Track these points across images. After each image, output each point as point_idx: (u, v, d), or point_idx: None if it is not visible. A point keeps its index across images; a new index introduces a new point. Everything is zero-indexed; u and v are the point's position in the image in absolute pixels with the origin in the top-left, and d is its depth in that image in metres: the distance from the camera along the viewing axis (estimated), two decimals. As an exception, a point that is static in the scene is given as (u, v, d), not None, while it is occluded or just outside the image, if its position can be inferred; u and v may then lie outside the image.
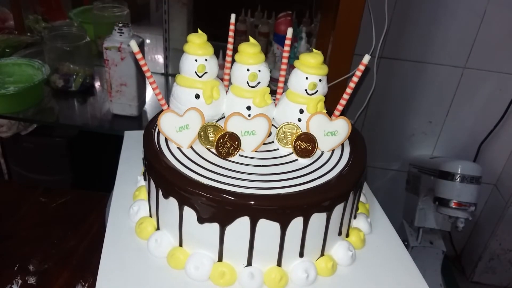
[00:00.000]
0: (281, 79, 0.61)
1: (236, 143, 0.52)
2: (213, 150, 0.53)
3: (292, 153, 0.54)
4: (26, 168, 1.27)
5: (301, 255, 0.50)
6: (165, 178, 0.49)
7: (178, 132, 0.53)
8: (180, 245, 0.51)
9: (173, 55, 1.22)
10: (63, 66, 1.10)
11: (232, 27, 0.58)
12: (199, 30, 0.55)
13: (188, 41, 0.54)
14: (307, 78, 0.53)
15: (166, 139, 0.54)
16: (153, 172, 0.51)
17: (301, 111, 0.55)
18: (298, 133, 0.54)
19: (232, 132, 0.52)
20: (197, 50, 0.53)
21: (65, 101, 1.10)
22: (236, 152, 0.53)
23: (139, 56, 0.52)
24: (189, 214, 0.48)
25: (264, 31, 1.21)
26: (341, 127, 0.55)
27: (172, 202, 0.49)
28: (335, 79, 0.94)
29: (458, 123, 1.37)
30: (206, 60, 0.54)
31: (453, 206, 1.13)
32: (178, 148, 0.54)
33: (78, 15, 1.32)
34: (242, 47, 0.54)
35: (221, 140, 0.52)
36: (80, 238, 0.76)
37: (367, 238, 0.57)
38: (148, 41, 1.32)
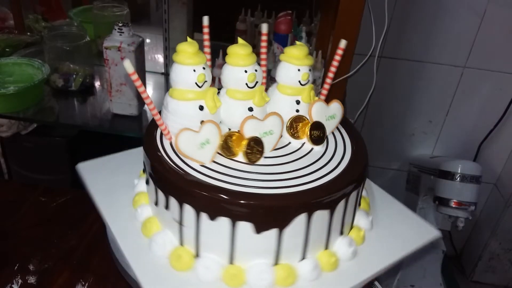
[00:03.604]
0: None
1: (260, 146, 0.52)
2: (237, 159, 0.52)
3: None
4: (26, 167, 1.27)
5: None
6: (210, 199, 0.46)
7: (200, 149, 0.50)
8: (231, 262, 0.50)
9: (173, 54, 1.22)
10: (63, 66, 1.10)
11: (206, 29, 0.56)
12: (188, 38, 0.52)
13: (180, 51, 0.51)
14: (299, 70, 0.55)
15: (175, 152, 0.52)
16: (189, 197, 0.48)
17: (298, 102, 0.56)
18: (311, 122, 0.55)
19: (256, 137, 0.52)
20: (194, 59, 0.51)
21: (65, 100, 1.10)
22: (261, 156, 0.52)
23: (134, 77, 0.49)
24: (244, 228, 0.47)
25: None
26: (337, 109, 0.58)
27: (221, 222, 0.47)
28: (335, 78, 0.94)
29: (458, 122, 1.37)
30: (203, 68, 0.51)
31: (453, 206, 1.13)
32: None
33: (78, 14, 1.32)
34: (235, 49, 0.53)
35: (249, 146, 0.51)
36: (80, 238, 0.76)
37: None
38: (148, 40, 1.32)
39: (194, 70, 0.51)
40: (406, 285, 1.25)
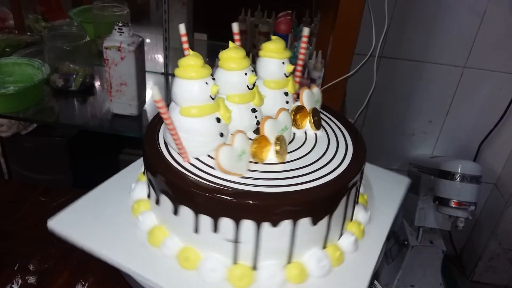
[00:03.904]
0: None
1: (285, 144, 0.52)
2: (268, 161, 0.52)
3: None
4: (26, 168, 1.27)
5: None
6: (274, 207, 0.46)
7: (239, 161, 0.49)
8: (290, 261, 0.50)
9: (173, 54, 1.22)
10: (63, 66, 1.10)
11: (184, 38, 0.52)
12: (190, 51, 0.50)
13: (187, 66, 0.48)
14: (283, 63, 0.57)
15: (195, 167, 0.50)
16: (249, 212, 0.46)
17: (286, 94, 0.59)
18: (311, 110, 0.58)
19: (281, 135, 0.52)
20: (203, 72, 0.48)
21: (65, 100, 1.10)
22: (287, 153, 0.53)
23: (160, 104, 0.45)
24: (303, 224, 0.47)
25: (264, 30, 1.21)
26: (319, 94, 0.63)
27: (283, 226, 0.46)
28: (335, 78, 0.94)
29: (458, 122, 1.37)
30: (213, 79, 0.49)
31: (453, 206, 1.13)
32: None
33: (78, 14, 1.32)
34: (229, 53, 0.52)
35: (279, 146, 0.51)
36: (80, 237, 0.76)
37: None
38: (148, 40, 1.32)
39: (206, 83, 0.48)
40: (406, 285, 1.25)
